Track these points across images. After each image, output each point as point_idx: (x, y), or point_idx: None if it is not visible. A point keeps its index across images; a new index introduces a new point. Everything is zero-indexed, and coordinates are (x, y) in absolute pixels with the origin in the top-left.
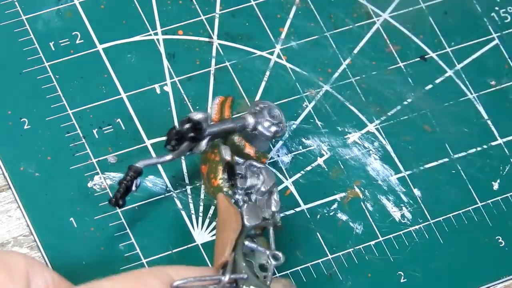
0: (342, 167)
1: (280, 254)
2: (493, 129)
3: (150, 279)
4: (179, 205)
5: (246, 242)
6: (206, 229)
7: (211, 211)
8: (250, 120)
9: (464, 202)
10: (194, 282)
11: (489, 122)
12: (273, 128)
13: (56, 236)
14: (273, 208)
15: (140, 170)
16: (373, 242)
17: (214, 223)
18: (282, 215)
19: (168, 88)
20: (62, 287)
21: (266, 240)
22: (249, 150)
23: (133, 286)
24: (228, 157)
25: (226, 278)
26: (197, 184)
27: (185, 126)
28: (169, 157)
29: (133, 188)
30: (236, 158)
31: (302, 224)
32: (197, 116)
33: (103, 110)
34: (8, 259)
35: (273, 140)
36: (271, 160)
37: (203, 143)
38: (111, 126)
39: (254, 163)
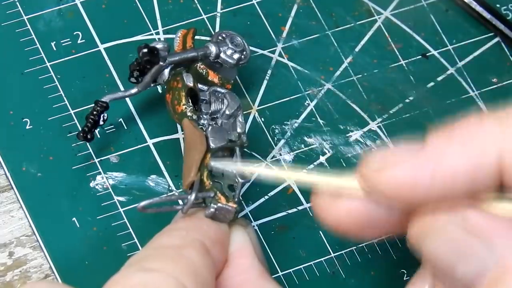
0: (344, 165)
1: None
2: None
3: None
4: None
5: (213, 163)
6: None
7: None
8: (212, 48)
9: None
10: (161, 201)
11: None
12: (236, 55)
13: (59, 236)
14: (239, 130)
15: (106, 104)
16: (375, 240)
17: None
18: (284, 213)
19: None
20: None
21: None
22: (213, 77)
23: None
24: (190, 83)
25: (192, 196)
26: None
27: (141, 50)
28: (134, 90)
29: (101, 122)
30: (200, 85)
31: (305, 222)
32: (158, 45)
33: None
34: None
35: (239, 66)
36: (274, 159)
37: (166, 73)
38: (113, 126)
39: (218, 88)
